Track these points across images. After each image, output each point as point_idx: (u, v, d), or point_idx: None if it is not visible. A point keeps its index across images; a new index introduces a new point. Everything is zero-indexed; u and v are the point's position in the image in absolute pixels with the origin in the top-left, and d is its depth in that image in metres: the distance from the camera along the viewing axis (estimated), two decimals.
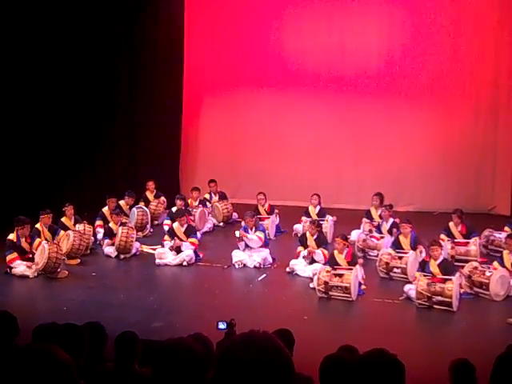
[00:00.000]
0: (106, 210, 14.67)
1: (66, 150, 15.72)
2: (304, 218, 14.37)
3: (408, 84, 16.98)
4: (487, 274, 11.18)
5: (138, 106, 16.98)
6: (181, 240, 13.06)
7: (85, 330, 5.05)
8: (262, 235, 13.04)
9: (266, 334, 2.18)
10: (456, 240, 12.96)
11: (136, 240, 13.61)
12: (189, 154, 18.17)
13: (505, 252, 11.65)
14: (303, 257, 12.35)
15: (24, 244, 12.44)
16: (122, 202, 15.23)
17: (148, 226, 15.14)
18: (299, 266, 12.29)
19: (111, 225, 13.88)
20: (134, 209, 15.06)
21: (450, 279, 10.64)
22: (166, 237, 13.31)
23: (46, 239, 12.85)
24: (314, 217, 14.37)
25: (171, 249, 12.99)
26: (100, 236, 14.04)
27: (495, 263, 11.58)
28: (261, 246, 12.95)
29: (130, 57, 16.86)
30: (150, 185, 16.19)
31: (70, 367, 2.26)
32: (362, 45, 17.06)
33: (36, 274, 12.08)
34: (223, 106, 18.04)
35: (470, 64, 16.71)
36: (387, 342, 5.29)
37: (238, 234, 12.81)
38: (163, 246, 13.20)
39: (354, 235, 13.80)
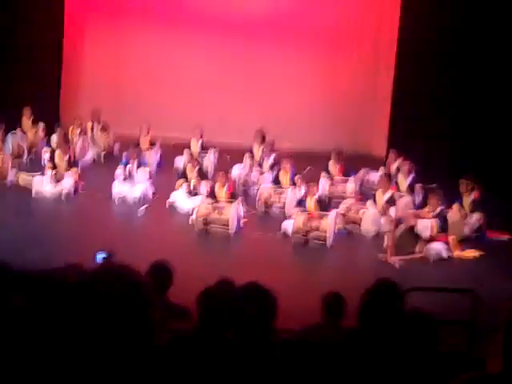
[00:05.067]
0: None
1: None
2: (186, 151, 14.31)
3: (295, 26, 17.12)
4: (361, 212, 11.68)
5: (14, 31, 16.06)
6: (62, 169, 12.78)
7: None
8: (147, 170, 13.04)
9: (121, 266, 2.18)
10: (334, 178, 13.39)
11: (13, 167, 13.14)
12: (71, 80, 17.51)
13: (378, 191, 12.16)
14: (188, 187, 12.37)
15: None
16: None
17: (25, 153, 14.60)
18: (179, 199, 12.31)
19: None
20: (10, 135, 14.45)
21: (326, 215, 11.02)
22: (49, 164, 12.92)
23: None
24: (196, 150, 14.40)
25: (54, 178, 12.63)
26: None
27: (369, 202, 12.09)
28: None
29: None
30: (26, 111, 15.52)
31: None
32: None
33: None
34: (108, 31, 17.44)
35: (354, 9, 17.05)
36: (264, 276, 5.42)
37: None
38: (45, 174, 12.83)
39: (236, 171, 13.94)
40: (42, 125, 15.53)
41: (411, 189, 12.83)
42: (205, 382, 3.42)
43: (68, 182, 12.65)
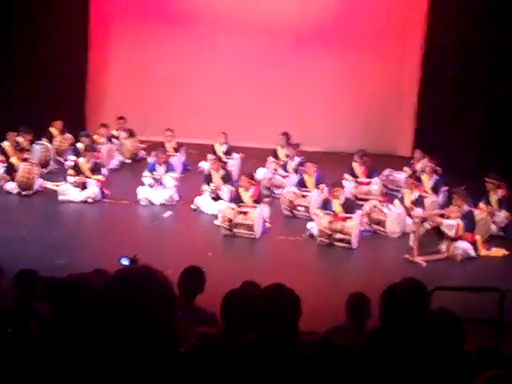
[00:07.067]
0: (6, 144, 14.16)
1: None
2: (210, 156, 14.36)
3: (318, 27, 17.08)
4: (385, 211, 11.63)
5: (38, 36, 16.25)
6: (86, 176, 12.88)
7: None
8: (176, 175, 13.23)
9: (144, 268, 2.19)
10: (359, 179, 13.36)
11: (39, 176, 13.29)
12: (96, 89, 17.71)
13: (405, 191, 12.10)
14: (210, 192, 12.40)
15: None
16: (19, 139, 14.58)
17: (51, 162, 14.75)
18: (204, 203, 12.36)
19: (13, 160, 13.44)
20: (36, 145, 14.60)
21: (351, 217, 10.98)
22: (71, 171, 13.05)
23: None
24: (221, 155, 14.44)
25: (75, 184, 12.75)
26: (1, 172, 13.57)
27: (396, 202, 12.02)
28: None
29: None
30: (58, 124, 15.68)
31: None
32: None
33: None
34: (132, 41, 17.57)
35: (378, 13, 17.02)
36: (288, 278, 5.39)
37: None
38: (67, 182, 12.96)
39: (260, 174, 13.96)
40: (68, 135, 15.68)
41: (435, 189, 12.77)
42: None
43: (93, 189, 12.75)
